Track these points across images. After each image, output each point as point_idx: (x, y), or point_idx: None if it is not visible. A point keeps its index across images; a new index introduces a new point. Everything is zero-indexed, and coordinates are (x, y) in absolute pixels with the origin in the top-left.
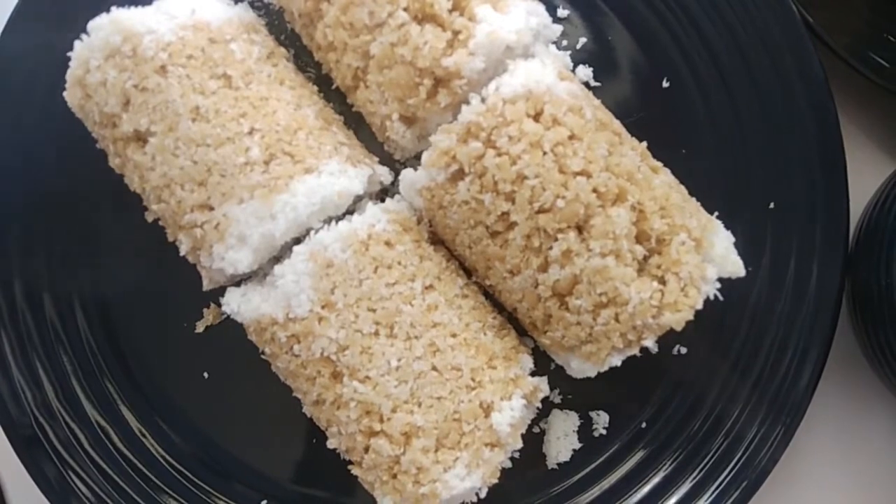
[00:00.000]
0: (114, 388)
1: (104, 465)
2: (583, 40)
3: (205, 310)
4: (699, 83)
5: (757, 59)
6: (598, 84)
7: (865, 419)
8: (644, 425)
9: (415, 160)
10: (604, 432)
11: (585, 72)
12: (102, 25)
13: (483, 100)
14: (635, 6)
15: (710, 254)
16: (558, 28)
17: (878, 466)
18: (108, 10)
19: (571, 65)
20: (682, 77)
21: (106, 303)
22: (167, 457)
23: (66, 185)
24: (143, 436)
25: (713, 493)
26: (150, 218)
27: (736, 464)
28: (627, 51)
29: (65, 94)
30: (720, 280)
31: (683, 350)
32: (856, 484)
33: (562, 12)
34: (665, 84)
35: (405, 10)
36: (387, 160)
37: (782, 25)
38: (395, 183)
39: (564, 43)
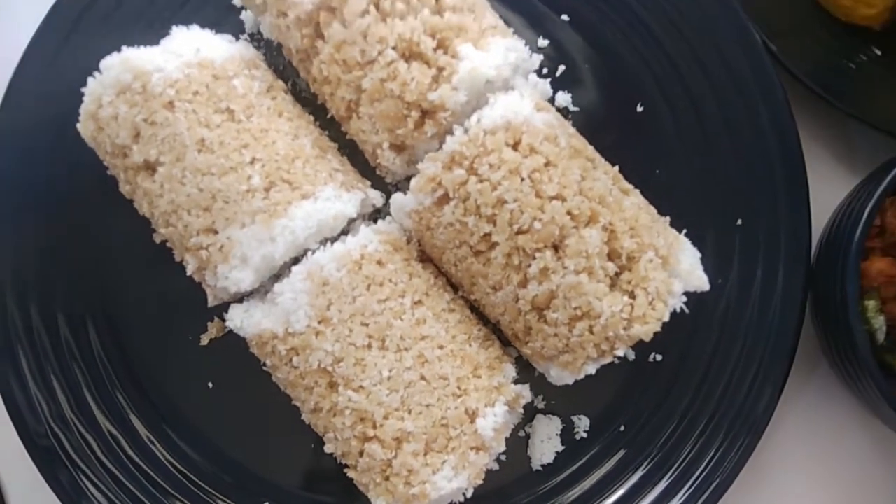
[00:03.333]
0: (124, 399)
1: (115, 471)
2: (562, 68)
3: (209, 323)
4: (671, 108)
5: (724, 86)
6: (576, 109)
7: (832, 422)
8: (623, 429)
9: (405, 181)
10: (584, 435)
11: (565, 97)
12: (114, 64)
13: (466, 130)
14: (610, 38)
15: (677, 270)
16: (537, 59)
17: (845, 468)
18: (118, 49)
19: (551, 91)
20: (655, 102)
21: (116, 320)
22: (175, 462)
23: (79, 212)
24: (152, 443)
25: (686, 491)
26: (157, 239)
27: (707, 465)
28: (604, 78)
29: (78, 125)
30: (691, 293)
31: (659, 357)
32: (823, 482)
33: (542, 42)
34: (639, 108)
35: (394, 48)
36: (378, 181)
37: (747, 55)
38: (386, 204)
39: (545, 71)
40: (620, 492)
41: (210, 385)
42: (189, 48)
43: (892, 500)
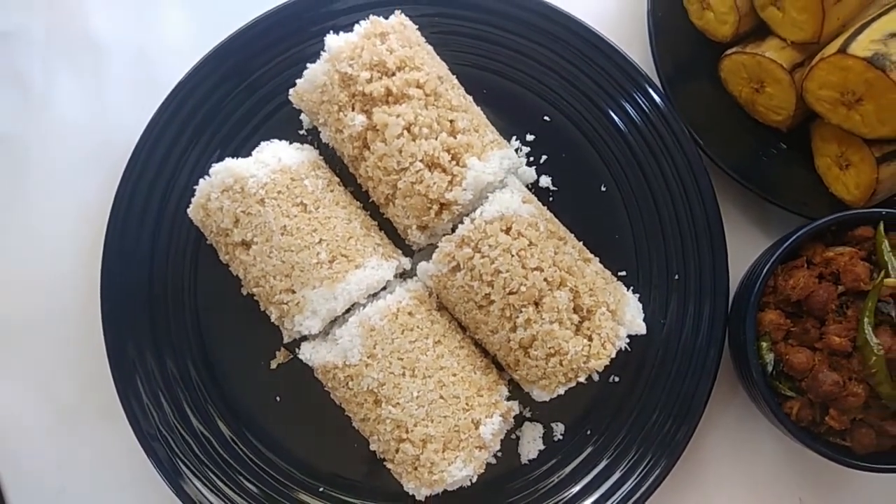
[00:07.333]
0: (213, 410)
1: (207, 462)
2: (544, 157)
3: (277, 352)
4: (626, 189)
5: (666, 173)
6: (555, 189)
7: (748, 430)
8: (589, 432)
9: (426, 247)
10: (560, 437)
11: (546, 180)
12: (220, 170)
13: (472, 220)
14: (580, 135)
15: (623, 319)
16: (523, 160)
17: (759, 465)
18: (222, 158)
19: (536, 175)
20: (615, 184)
21: (209, 353)
22: (251, 456)
23: (181, 277)
24: (234, 442)
25: (635, 479)
26: (244, 292)
27: (651, 459)
28: (576, 165)
29: (188, 210)
30: (635, 335)
31: (616, 378)
32: (742, 477)
33: (529, 137)
34: (603, 189)
35: (420, 161)
36: (405, 246)
37: (683, 150)
38: (413, 266)
39: (532, 159)
40: (587, 479)
41: (278, 399)
42: (273, 158)
43: (797, 489)
